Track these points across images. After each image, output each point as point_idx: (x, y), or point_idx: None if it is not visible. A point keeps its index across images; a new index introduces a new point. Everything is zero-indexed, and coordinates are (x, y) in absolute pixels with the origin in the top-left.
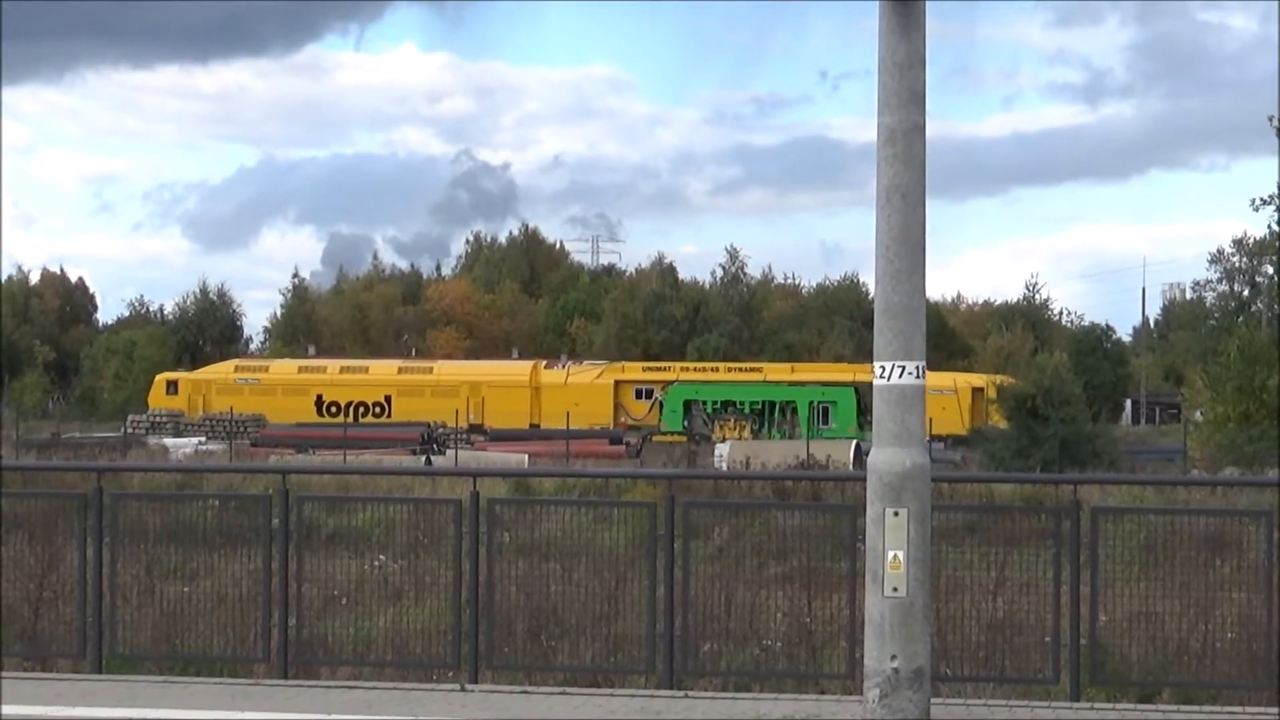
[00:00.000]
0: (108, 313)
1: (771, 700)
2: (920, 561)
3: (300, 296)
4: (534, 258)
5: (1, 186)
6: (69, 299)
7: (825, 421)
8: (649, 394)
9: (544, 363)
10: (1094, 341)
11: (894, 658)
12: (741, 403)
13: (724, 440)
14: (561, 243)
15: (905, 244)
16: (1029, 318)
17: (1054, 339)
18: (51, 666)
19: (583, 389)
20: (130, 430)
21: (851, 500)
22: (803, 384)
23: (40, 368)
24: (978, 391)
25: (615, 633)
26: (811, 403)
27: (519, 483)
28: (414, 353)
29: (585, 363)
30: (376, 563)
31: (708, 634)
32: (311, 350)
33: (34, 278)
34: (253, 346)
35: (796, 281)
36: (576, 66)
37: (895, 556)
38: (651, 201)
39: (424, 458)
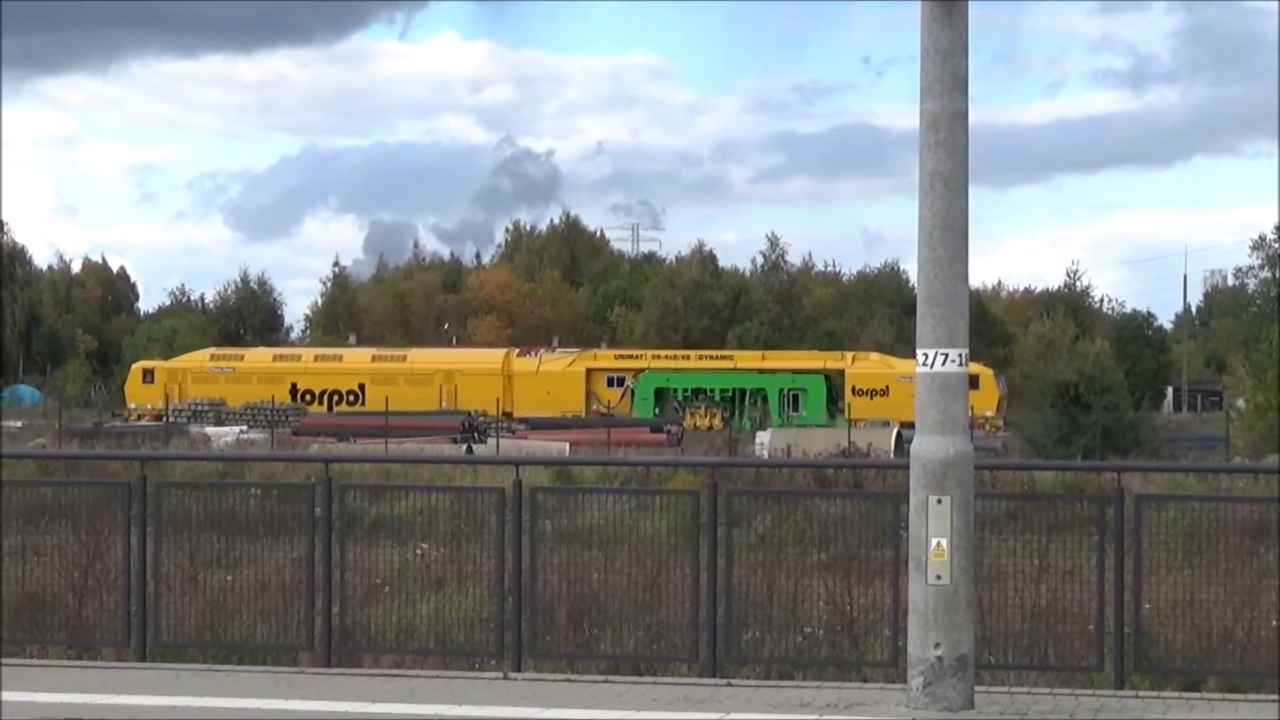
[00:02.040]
0: (149, 301)
1: (814, 688)
2: (964, 549)
3: (341, 285)
4: (575, 245)
5: (1, 179)
6: (111, 288)
7: (795, 409)
8: (620, 382)
9: (516, 350)
10: (1135, 329)
11: (938, 646)
12: (712, 390)
13: (765, 431)
14: (602, 230)
15: (948, 231)
16: (1070, 305)
17: (1095, 326)
18: (95, 655)
19: (554, 377)
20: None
21: (893, 488)
22: (773, 371)
23: (82, 356)
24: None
25: (657, 621)
26: (782, 390)
27: (560, 471)
28: (454, 341)
29: (558, 350)
30: (419, 551)
31: (750, 622)
32: (352, 339)
33: (76, 267)
34: (293, 335)
35: (837, 269)
36: (617, 55)
37: (939, 544)
38: (694, 189)
39: (465, 446)
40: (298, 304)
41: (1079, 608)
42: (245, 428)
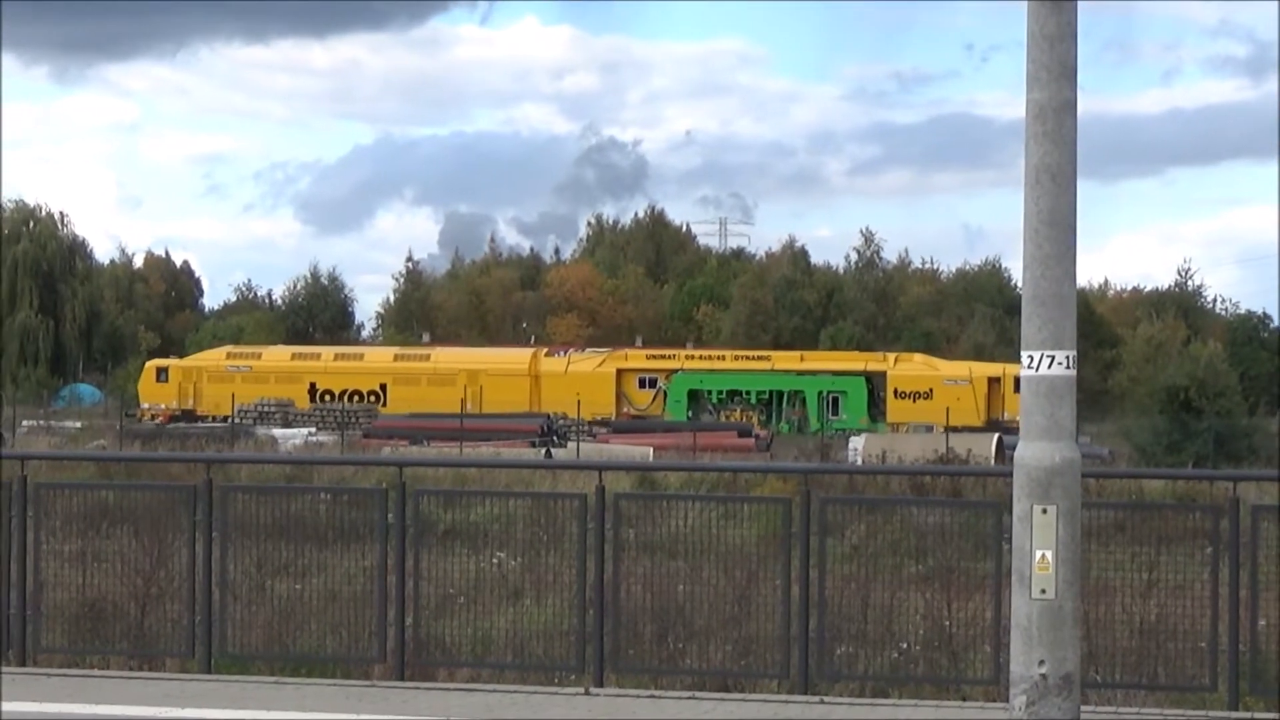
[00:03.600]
0: (214, 298)
1: (911, 706)
2: (1070, 561)
3: (414, 281)
4: (659, 240)
5: (1, 171)
6: (174, 283)
7: (835, 412)
8: (653, 383)
9: (545, 350)
10: (1250, 330)
11: (1042, 663)
12: (748, 392)
13: (859, 436)
14: (688, 225)
15: (1055, 227)
16: (1181, 305)
17: (1208, 328)
18: (158, 666)
19: (584, 378)
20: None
21: (994, 496)
22: (812, 373)
23: (144, 354)
24: (994, 381)
25: (745, 635)
26: (821, 393)
27: (643, 477)
28: (533, 340)
29: (587, 350)
30: (495, 560)
31: (842, 636)
32: (426, 337)
33: (138, 261)
34: (365, 333)
35: (935, 266)
36: (705, 40)
37: (1043, 556)
38: (787, 182)
39: (544, 450)
40: (369, 301)
41: (1190, 624)
42: (314, 429)
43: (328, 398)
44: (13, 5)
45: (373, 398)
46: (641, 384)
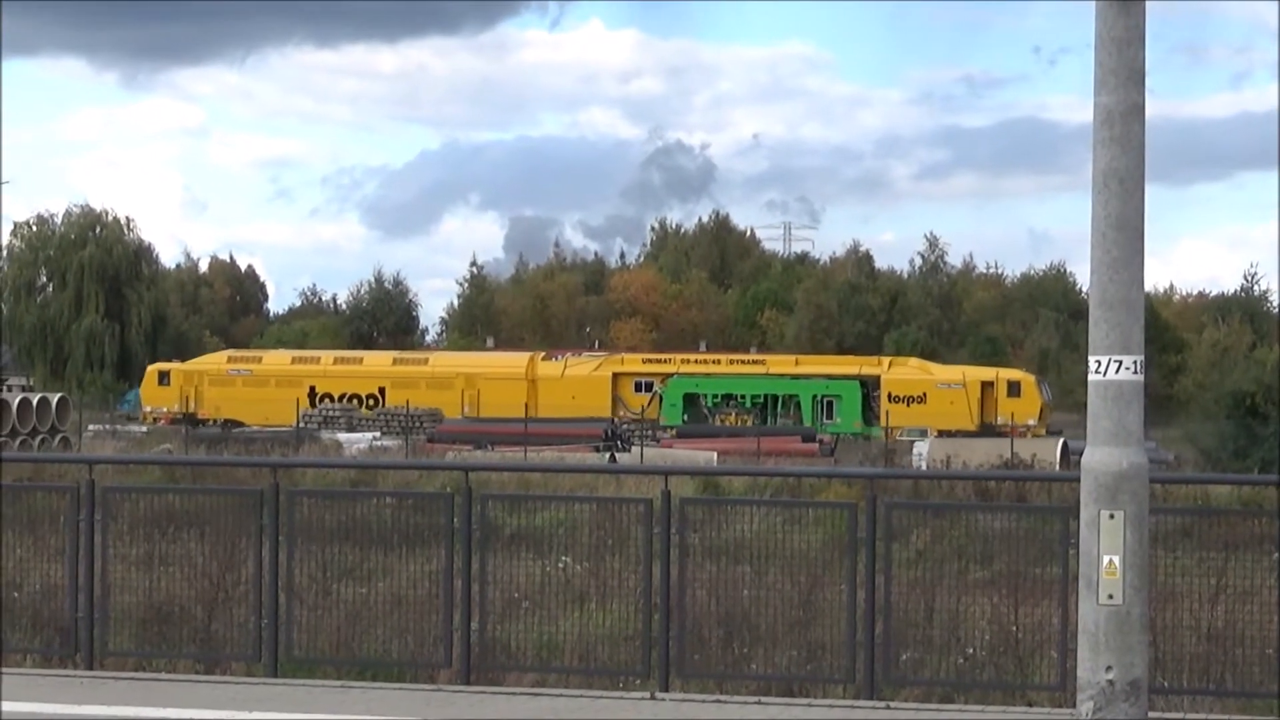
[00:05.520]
0: (279, 302)
1: (977, 712)
2: (1137, 567)
3: (478, 285)
4: (723, 245)
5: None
6: (239, 288)
7: (830, 416)
8: (648, 387)
9: (541, 354)
10: None
11: (1109, 669)
12: (743, 396)
13: (923, 440)
14: (752, 230)
15: (1123, 231)
16: (1247, 310)
17: (1274, 333)
18: (225, 670)
19: (579, 381)
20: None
21: (1060, 501)
22: (806, 377)
23: None
24: (987, 386)
25: (811, 640)
26: (815, 396)
27: (707, 481)
28: (595, 345)
29: (584, 354)
30: (560, 564)
31: (908, 642)
32: (490, 342)
33: (203, 266)
34: (429, 338)
35: (999, 271)
36: (772, 44)
37: (1111, 562)
38: (853, 186)
39: (608, 455)
40: (434, 305)
41: (1258, 630)
42: (379, 434)
43: (327, 400)
44: (85, 6)
45: (372, 401)
46: (638, 388)
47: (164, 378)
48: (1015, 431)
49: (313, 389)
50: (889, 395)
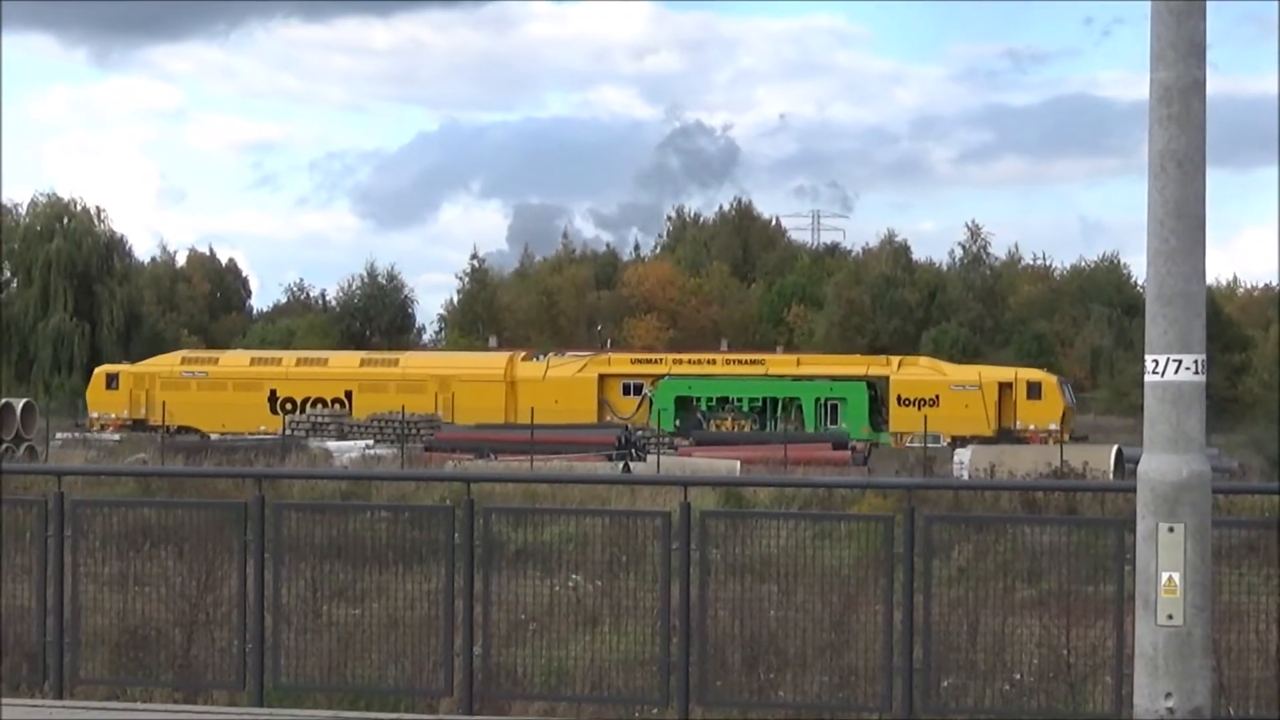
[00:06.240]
0: (263, 299)
1: None
2: (1199, 585)
3: (480, 280)
4: (747, 236)
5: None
6: (220, 283)
7: (834, 420)
8: (638, 389)
9: (522, 354)
10: None
11: (1168, 696)
12: (739, 399)
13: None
14: (778, 219)
15: (1181, 219)
16: None
17: None
18: (206, 698)
19: (563, 384)
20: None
21: (1114, 513)
22: (809, 378)
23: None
24: (1005, 387)
25: (843, 664)
26: (818, 399)
27: (729, 493)
28: (609, 344)
29: (567, 354)
30: (570, 583)
31: (949, 666)
32: (493, 342)
33: (181, 259)
34: (426, 336)
35: (1047, 262)
36: (799, 16)
37: (1170, 579)
38: (888, 171)
39: (621, 464)
40: (432, 301)
41: None
42: (371, 442)
43: (289, 406)
44: None
45: (337, 405)
46: (626, 390)
47: (112, 381)
48: (1034, 436)
49: (274, 392)
50: (898, 398)
